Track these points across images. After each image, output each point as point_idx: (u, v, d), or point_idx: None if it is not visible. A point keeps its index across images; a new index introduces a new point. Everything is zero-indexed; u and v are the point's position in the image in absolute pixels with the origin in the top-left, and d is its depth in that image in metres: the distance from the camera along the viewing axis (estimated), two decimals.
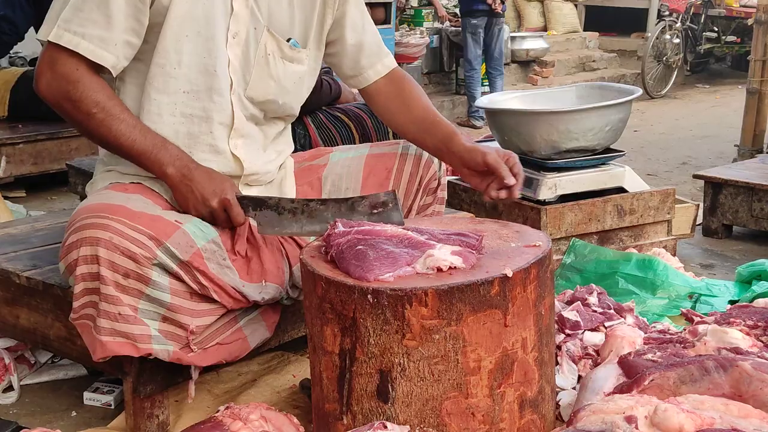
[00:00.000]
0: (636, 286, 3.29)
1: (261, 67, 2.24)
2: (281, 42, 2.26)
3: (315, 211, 2.13)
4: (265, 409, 2.09)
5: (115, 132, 2.08)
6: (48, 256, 2.44)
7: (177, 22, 2.10)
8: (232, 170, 2.24)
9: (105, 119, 2.07)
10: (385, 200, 2.11)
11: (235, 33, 2.18)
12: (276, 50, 2.26)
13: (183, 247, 2.02)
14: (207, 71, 2.16)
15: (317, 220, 2.14)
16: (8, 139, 4.82)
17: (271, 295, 2.23)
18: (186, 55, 2.13)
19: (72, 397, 2.52)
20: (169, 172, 2.10)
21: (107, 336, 1.97)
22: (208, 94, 2.17)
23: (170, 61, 2.12)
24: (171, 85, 2.14)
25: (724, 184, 4.31)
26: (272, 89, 2.28)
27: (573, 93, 3.99)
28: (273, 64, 2.26)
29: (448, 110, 9.31)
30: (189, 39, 2.12)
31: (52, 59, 2.06)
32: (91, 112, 2.06)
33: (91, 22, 2.03)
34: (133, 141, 2.08)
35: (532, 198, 3.58)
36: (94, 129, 2.09)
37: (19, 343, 2.60)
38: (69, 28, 2.03)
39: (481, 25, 8.64)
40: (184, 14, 2.11)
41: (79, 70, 2.05)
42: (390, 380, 1.80)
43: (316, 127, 3.25)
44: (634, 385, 2.02)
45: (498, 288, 1.79)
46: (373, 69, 2.45)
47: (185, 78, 2.15)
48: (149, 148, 2.09)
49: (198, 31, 2.13)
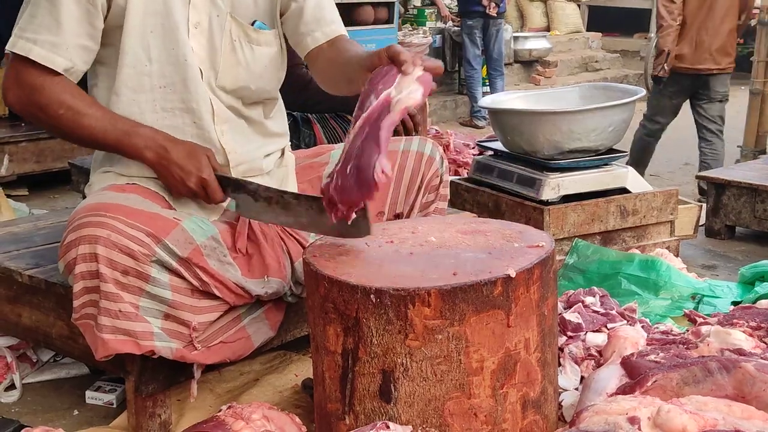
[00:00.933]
0: (639, 286, 3.28)
1: (228, 54, 2.23)
2: (246, 27, 2.25)
3: (288, 204, 2.13)
4: (268, 409, 2.09)
5: (86, 127, 2.09)
6: (50, 255, 2.44)
7: (138, 20, 2.11)
8: (221, 161, 2.23)
9: (73, 117, 2.08)
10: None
11: (197, 23, 2.18)
12: (242, 35, 2.24)
13: (182, 244, 2.02)
14: (178, 62, 2.16)
15: (291, 213, 2.13)
16: (11, 138, 4.83)
17: (274, 289, 2.23)
18: (154, 50, 2.14)
19: (74, 395, 2.52)
20: (147, 156, 2.12)
21: (109, 334, 1.97)
22: (184, 85, 2.17)
23: (140, 59, 2.13)
24: (146, 83, 2.15)
25: (727, 184, 4.31)
26: (242, 76, 2.26)
27: (576, 93, 3.99)
28: (240, 51, 2.25)
29: (450, 110, 9.31)
30: (154, 34, 2.13)
31: (17, 71, 2.09)
32: (59, 114, 2.08)
33: (44, 27, 2.05)
34: (104, 132, 2.10)
35: (534, 198, 3.58)
36: (66, 129, 2.11)
37: (21, 342, 2.60)
38: (23, 35, 2.07)
39: (477, 27, 8.64)
40: (144, 11, 2.11)
41: (42, 76, 2.07)
42: (393, 380, 1.80)
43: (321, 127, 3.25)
44: (637, 386, 2.02)
45: (501, 288, 1.79)
46: (311, 36, 2.33)
47: (158, 73, 2.15)
48: (121, 136, 2.10)
49: (161, 23, 2.13)
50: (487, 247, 1.98)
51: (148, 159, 2.12)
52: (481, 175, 3.97)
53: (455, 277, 1.81)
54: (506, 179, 3.78)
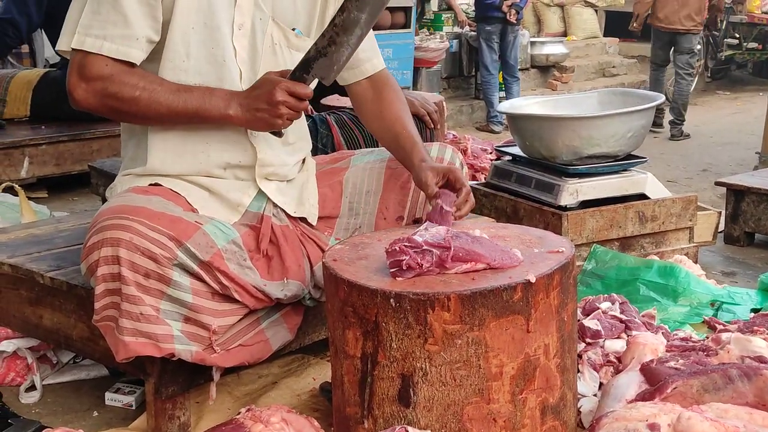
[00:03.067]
0: (657, 293, 3.27)
1: (268, 57, 2.25)
2: (287, 31, 2.28)
3: (344, 22, 2.09)
4: (286, 412, 2.09)
5: (164, 102, 2.10)
6: (71, 257, 2.45)
7: (183, 15, 2.12)
8: (250, 160, 2.24)
9: (150, 95, 2.09)
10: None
11: (241, 24, 2.20)
12: (282, 39, 2.27)
13: (203, 248, 2.03)
14: (216, 62, 2.17)
15: (352, 26, 2.10)
16: (31, 140, 4.86)
17: (293, 292, 2.24)
18: (194, 47, 2.15)
19: (93, 397, 2.53)
20: (232, 113, 2.12)
21: (130, 336, 1.99)
22: (219, 85, 2.18)
23: (179, 54, 2.15)
24: (181, 78, 2.16)
25: (746, 191, 4.28)
26: None
27: (595, 99, 3.98)
28: (280, 54, 2.27)
29: (467, 114, 9.29)
30: (195, 31, 2.14)
31: (81, 66, 2.09)
32: (135, 96, 2.09)
33: (111, 23, 2.06)
34: (185, 102, 2.11)
35: (553, 203, 3.57)
36: (144, 108, 2.11)
37: (41, 343, 2.62)
38: (90, 32, 2.07)
39: (495, 32, 8.62)
40: (190, 7, 2.13)
41: (108, 65, 2.08)
42: (411, 385, 1.80)
43: (339, 128, 3.25)
44: (656, 392, 2.01)
45: (521, 294, 1.79)
46: (370, 63, 2.44)
47: (195, 70, 2.16)
48: (202, 102, 2.11)
49: (204, 22, 2.15)
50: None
51: (233, 114, 2.12)
52: (499, 180, 3.96)
53: (475, 282, 1.81)
54: (524, 184, 3.77)
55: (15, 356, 2.60)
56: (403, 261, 1.85)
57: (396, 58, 7.86)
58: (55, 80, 5.05)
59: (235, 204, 2.23)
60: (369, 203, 2.48)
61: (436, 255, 1.87)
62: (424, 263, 1.86)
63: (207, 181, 2.22)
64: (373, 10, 2.11)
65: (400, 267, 1.85)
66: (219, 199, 2.21)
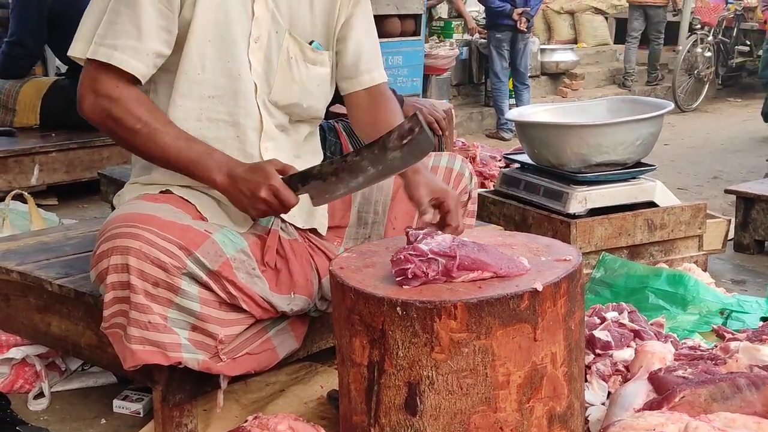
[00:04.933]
0: (666, 301, 3.25)
1: (284, 71, 2.25)
2: (303, 45, 2.28)
3: (353, 164, 2.06)
4: (293, 420, 2.09)
5: (160, 145, 2.08)
6: (80, 265, 2.46)
7: (201, 29, 2.12)
8: None
9: (149, 133, 2.08)
10: (410, 126, 2.01)
11: (257, 37, 2.20)
12: (298, 53, 2.27)
13: (212, 257, 2.04)
14: (231, 75, 2.17)
15: (358, 172, 2.07)
16: (41, 148, 4.89)
17: (299, 307, 2.24)
18: (209, 60, 2.15)
19: (101, 404, 2.54)
20: (218, 180, 2.09)
21: (137, 344, 1.99)
22: (234, 99, 2.18)
23: (194, 66, 2.14)
24: (196, 90, 2.16)
25: (756, 199, 4.27)
26: (296, 93, 2.28)
27: (604, 106, 3.97)
28: (296, 68, 2.27)
29: (477, 122, 9.30)
30: (212, 44, 2.14)
31: (93, 80, 2.09)
32: (135, 128, 2.08)
33: (125, 33, 2.06)
34: (179, 152, 2.08)
35: (561, 211, 3.56)
36: (139, 144, 2.10)
37: (50, 350, 2.63)
38: (103, 42, 2.07)
39: (505, 40, 8.62)
40: (208, 20, 2.13)
41: (119, 87, 2.08)
42: (418, 393, 1.80)
43: (348, 135, 3.25)
44: (664, 401, 2.01)
45: (528, 302, 1.79)
46: (370, 75, 2.42)
47: (210, 83, 2.16)
48: (195, 158, 2.09)
49: (221, 35, 2.15)
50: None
51: (220, 183, 2.08)
52: (507, 187, 3.96)
53: (481, 290, 1.81)
54: (533, 192, 3.77)
55: (23, 363, 2.61)
56: (408, 269, 1.85)
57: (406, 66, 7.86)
58: (64, 89, 5.07)
59: (243, 216, 2.23)
60: (378, 213, 2.48)
61: (441, 264, 1.86)
62: (430, 272, 1.85)
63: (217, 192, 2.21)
64: (383, 172, 2.07)
65: (405, 275, 1.85)
66: (228, 209, 2.21)
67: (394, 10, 7.55)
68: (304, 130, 2.39)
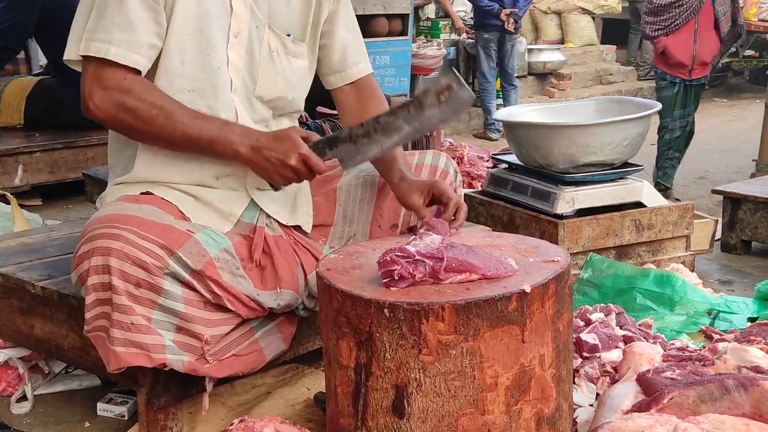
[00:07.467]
0: (654, 302, 3.25)
1: (267, 65, 2.25)
2: (284, 38, 2.27)
3: (387, 124, 2.08)
4: (280, 423, 2.07)
5: (180, 127, 2.07)
6: (63, 266, 2.44)
7: (181, 22, 2.11)
8: (241, 170, 2.22)
9: (166, 118, 2.06)
10: (448, 84, 2.03)
11: (237, 32, 2.19)
12: (279, 47, 2.27)
13: (195, 256, 2.02)
14: (211, 69, 2.16)
15: (392, 131, 2.08)
16: (25, 148, 4.84)
17: (286, 302, 2.22)
18: (189, 54, 2.13)
19: (85, 407, 2.52)
20: (242, 151, 2.09)
21: (121, 347, 1.96)
22: (214, 92, 2.17)
23: (174, 60, 2.13)
24: (176, 84, 2.14)
25: (743, 199, 4.28)
26: (281, 86, 2.28)
27: (591, 107, 3.98)
28: (278, 61, 2.27)
29: (464, 122, 9.29)
30: (191, 37, 2.13)
31: (97, 76, 2.06)
32: (152, 115, 2.06)
33: (116, 26, 2.04)
34: (200, 131, 2.08)
35: (549, 212, 3.56)
36: (159, 131, 2.08)
37: (33, 353, 2.60)
38: (95, 37, 2.05)
39: (493, 40, 8.64)
40: (188, 14, 2.11)
41: (128, 78, 2.06)
42: (406, 396, 1.79)
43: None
44: (652, 403, 2.00)
45: (516, 303, 1.77)
46: (357, 67, 2.44)
47: (189, 76, 2.15)
48: (217, 132, 2.08)
49: (200, 29, 2.13)
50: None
51: (243, 154, 2.09)
52: (495, 188, 3.96)
53: (469, 291, 1.80)
54: (521, 193, 3.77)
55: (6, 366, 2.58)
56: (395, 271, 1.83)
57: (393, 65, 7.85)
58: (49, 88, 5.03)
59: (227, 214, 2.21)
60: (363, 211, 2.46)
61: (429, 266, 1.85)
62: (417, 273, 1.84)
63: (199, 190, 2.20)
64: (420, 129, 2.10)
65: (392, 277, 1.83)
66: (211, 208, 2.19)
67: (382, 10, 7.54)
68: (285, 124, 2.37)
